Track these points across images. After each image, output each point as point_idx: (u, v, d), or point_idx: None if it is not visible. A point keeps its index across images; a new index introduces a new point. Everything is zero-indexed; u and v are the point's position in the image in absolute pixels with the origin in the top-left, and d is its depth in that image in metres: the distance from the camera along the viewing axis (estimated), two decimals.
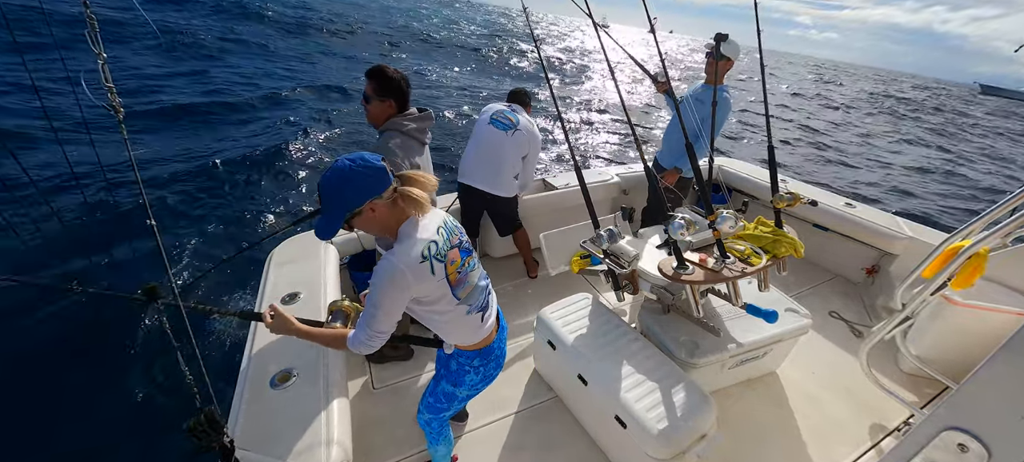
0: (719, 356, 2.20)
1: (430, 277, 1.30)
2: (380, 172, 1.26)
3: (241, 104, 9.86)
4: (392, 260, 1.25)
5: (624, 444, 1.92)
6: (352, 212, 1.26)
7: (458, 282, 1.39)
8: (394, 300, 1.29)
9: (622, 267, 2.02)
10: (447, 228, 1.40)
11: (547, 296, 2.82)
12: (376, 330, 1.33)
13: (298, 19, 23.83)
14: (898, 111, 27.16)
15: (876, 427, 2.28)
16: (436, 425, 1.79)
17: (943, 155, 15.21)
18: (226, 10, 21.86)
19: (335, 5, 39.54)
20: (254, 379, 1.86)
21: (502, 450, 2.19)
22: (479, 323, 1.51)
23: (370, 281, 1.31)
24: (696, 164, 2.25)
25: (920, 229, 3.07)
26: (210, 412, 1.08)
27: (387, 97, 2.10)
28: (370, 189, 1.25)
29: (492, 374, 1.66)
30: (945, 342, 2.26)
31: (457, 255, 1.39)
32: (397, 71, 2.12)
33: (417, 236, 1.29)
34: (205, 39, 15.02)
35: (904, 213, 5.30)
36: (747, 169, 4.05)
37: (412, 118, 2.15)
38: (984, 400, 0.96)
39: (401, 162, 2.06)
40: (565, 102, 14.64)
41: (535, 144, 3.06)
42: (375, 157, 1.29)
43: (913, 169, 12.64)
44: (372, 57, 18.34)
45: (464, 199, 3.19)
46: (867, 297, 3.20)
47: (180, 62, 12.50)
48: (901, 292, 2.02)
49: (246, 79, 11.88)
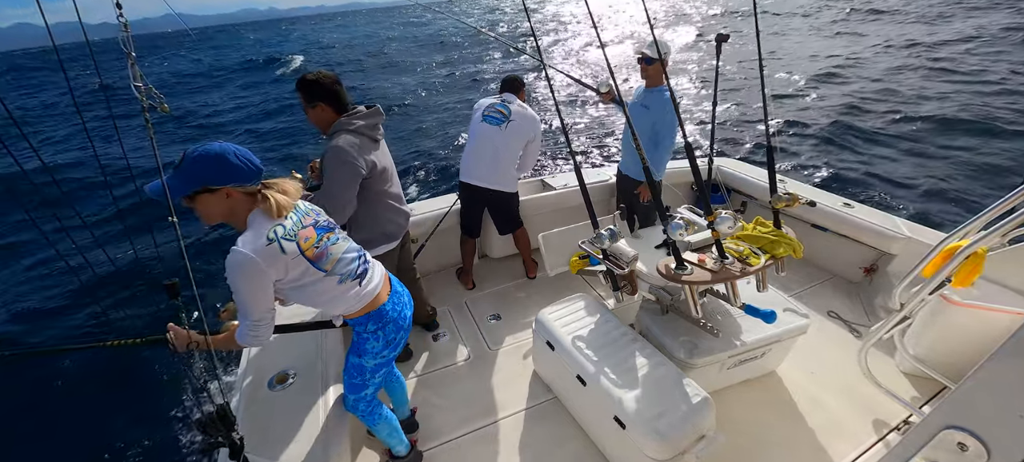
0: (718, 356, 2.19)
1: (282, 256, 1.35)
2: (252, 170, 1.35)
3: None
4: (238, 251, 1.30)
5: (623, 444, 1.92)
6: (207, 187, 1.31)
7: (318, 256, 1.45)
8: (252, 287, 1.33)
9: (621, 268, 2.02)
10: (298, 212, 1.47)
11: (546, 297, 2.83)
12: (253, 320, 1.38)
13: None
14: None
15: (875, 426, 2.28)
16: (362, 406, 1.78)
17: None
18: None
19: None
20: (252, 380, 1.85)
21: (502, 451, 2.19)
22: (358, 289, 1.57)
23: (226, 277, 1.34)
24: (695, 163, 2.24)
25: (918, 229, 3.07)
26: (222, 408, 1.10)
27: (316, 102, 2.09)
28: (235, 176, 1.32)
29: (394, 338, 1.69)
30: (944, 342, 2.26)
31: (312, 232, 1.45)
32: (322, 73, 2.10)
33: (262, 222, 1.35)
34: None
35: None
36: (746, 170, 4.05)
37: (359, 115, 2.13)
38: (983, 399, 0.96)
39: (357, 160, 2.04)
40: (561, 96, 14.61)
41: (534, 128, 3.00)
42: (256, 158, 1.38)
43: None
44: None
45: (465, 197, 3.19)
46: (866, 297, 3.20)
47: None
48: (899, 292, 2.02)
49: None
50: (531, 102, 3.66)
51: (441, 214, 3.30)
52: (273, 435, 1.62)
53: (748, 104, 11.11)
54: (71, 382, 3.71)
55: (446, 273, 3.58)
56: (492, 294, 3.36)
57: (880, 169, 7.30)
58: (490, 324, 3.04)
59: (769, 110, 2.48)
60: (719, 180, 4.01)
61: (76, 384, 3.69)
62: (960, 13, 20.20)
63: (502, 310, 3.16)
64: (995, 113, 8.74)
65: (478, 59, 22.91)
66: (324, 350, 2.02)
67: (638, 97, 3.11)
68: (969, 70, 11.85)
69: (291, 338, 2.01)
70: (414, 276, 2.81)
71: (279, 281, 1.39)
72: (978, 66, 12.10)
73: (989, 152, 7.39)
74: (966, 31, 16.24)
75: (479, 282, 3.45)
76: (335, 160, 2.04)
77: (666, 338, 2.26)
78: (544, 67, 2.74)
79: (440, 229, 3.30)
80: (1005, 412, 0.92)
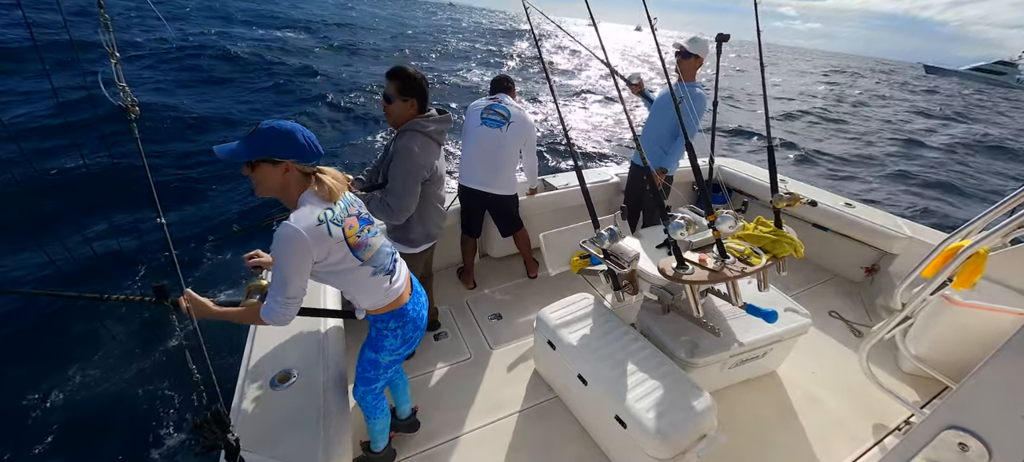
0: (719, 356, 2.20)
1: (328, 238, 1.40)
2: (315, 153, 1.42)
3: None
4: (290, 225, 1.34)
5: (624, 444, 1.92)
6: (269, 157, 1.36)
7: (358, 245, 1.50)
8: (297, 262, 1.37)
9: (622, 267, 2.02)
10: (346, 200, 1.53)
11: (547, 296, 2.82)
12: (287, 296, 1.41)
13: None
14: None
15: (876, 426, 2.28)
16: (370, 398, 1.84)
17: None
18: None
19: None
20: (254, 379, 1.86)
21: (502, 450, 2.19)
22: (387, 284, 1.64)
23: (271, 249, 1.38)
24: (696, 163, 2.24)
25: (919, 229, 3.07)
26: (217, 410, 1.10)
27: (409, 97, 2.12)
28: (298, 153, 1.38)
29: (411, 337, 1.75)
30: (945, 342, 2.26)
31: (355, 222, 1.51)
32: (418, 71, 2.14)
33: (314, 203, 1.41)
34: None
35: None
36: (747, 169, 4.05)
37: (432, 120, 2.18)
38: (984, 399, 0.96)
39: (425, 163, 2.10)
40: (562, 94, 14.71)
41: (530, 131, 3.01)
42: (320, 146, 1.44)
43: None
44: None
45: (464, 200, 3.18)
46: (867, 297, 3.20)
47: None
48: (901, 292, 2.02)
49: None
50: (529, 102, 3.65)
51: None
52: (274, 434, 1.63)
53: (748, 104, 11.11)
54: (49, 376, 3.70)
55: (446, 273, 3.59)
56: (493, 294, 3.36)
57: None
58: (491, 323, 3.04)
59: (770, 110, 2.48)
60: (720, 180, 4.01)
61: (69, 382, 3.68)
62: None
63: (503, 310, 3.16)
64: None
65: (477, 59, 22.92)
66: (326, 350, 2.03)
67: (666, 91, 3.14)
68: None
69: (294, 338, 2.01)
70: (429, 272, 2.87)
71: (318, 263, 1.43)
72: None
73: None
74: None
75: (480, 282, 3.45)
76: (407, 160, 2.10)
77: (667, 338, 2.26)
78: (547, 74, 2.75)
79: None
80: (1006, 412, 0.92)
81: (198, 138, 8.16)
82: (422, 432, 2.27)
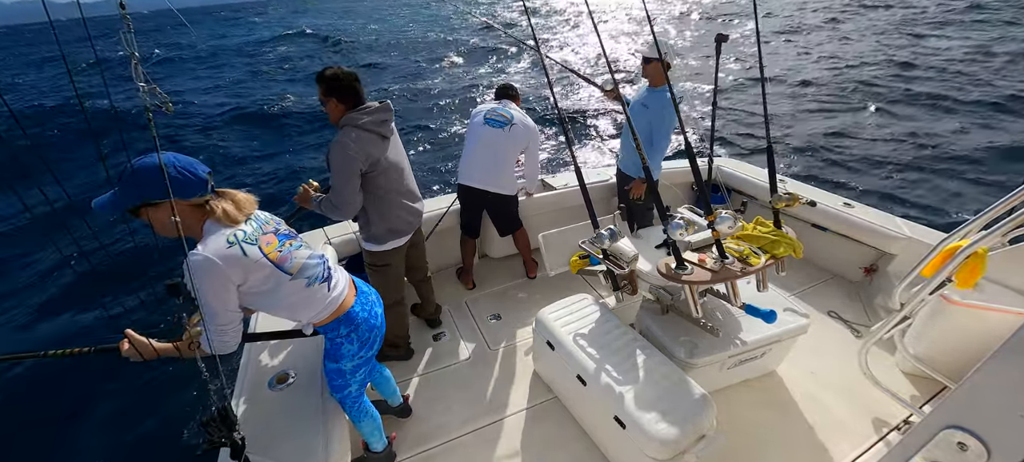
0: (718, 356, 2.19)
1: (243, 259, 1.35)
2: (195, 183, 1.33)
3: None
4: (197, 253, 1.29)
5: (623, 444, 1.92)
6: (148, 201, 1.29)
7: (282, 260, 1.46)
8: (215, 288, 1.32)
9: (621, 267, 2.02)
10: (259, 219, 1.48)
11: (546, 296, 2.82)
12: (219, 325, 1.37)
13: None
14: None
15: (875, 426, 2.28)
16: (348, 403, 1.81)
17: None
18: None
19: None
20: (252, 380, 1.85)
21: (502, 451, 2.19)
22: (326, 293, 1.59)
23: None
24: (695, 164, 2.24)
25: (918, 229, 3.07)
26: (224, 409, 1.10)
27: (333, 96, 2.12)
28: (176, 190, 1.27)
29: (368, 337, 1.71)
30: (944, 341, 2.26)
31: (273, 238, 1.47)
32: (341, 69, 2.13)
33: (221, 229, 1.35)
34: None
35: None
36: (746, 169, 4.05)
37: (367, 111, 2.15)
38: (983, 399, 0.96)
39: (354, 155, 2.07)
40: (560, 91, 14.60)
41: (533, 136, 3.06)
42: (202, 168, 1.36)
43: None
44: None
45: (464, 199, 3.19)
46: (866, 297, 3.20)
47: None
48: (900, 292, 2.02)
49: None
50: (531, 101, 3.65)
51: (440, 214, 3.31)
52: (273, 435, 1.63)
53: (748, 104, 11.13)
54: (68, 381, 3.71)
55: (446, 273, 3.58)
56: (492, 294, 3.36)
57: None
58: (490, 324, 3.04)
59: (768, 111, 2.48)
60: (719, 180, 4.01)
61: (73, 384, 3.69)
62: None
63: (502, 310, 3.16)
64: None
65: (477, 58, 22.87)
66: (324, 351, 2.02)
67: (640, 96, 3.14)
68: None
69: (292, 339, 2.01)
70: (425, 274, 2.86)
71: (243, 286, 1.39)
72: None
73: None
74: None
75: (479, 282, 3.45)
76: (334, 156, 2.08)
77: (666, 338, 2.26)
78: (546, 71, 2.74)
79: (439, 229, 3.30)
80: (1005, 412, 0.92)
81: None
82: (421, 433, 2.27)
